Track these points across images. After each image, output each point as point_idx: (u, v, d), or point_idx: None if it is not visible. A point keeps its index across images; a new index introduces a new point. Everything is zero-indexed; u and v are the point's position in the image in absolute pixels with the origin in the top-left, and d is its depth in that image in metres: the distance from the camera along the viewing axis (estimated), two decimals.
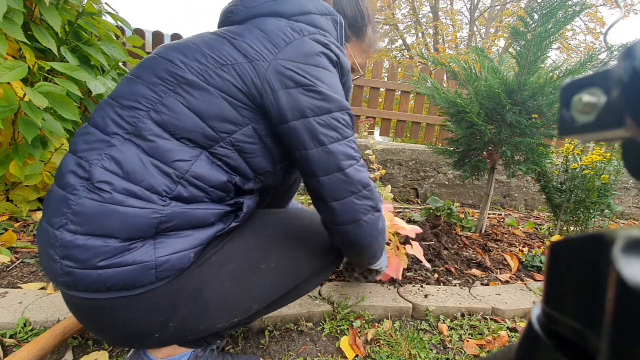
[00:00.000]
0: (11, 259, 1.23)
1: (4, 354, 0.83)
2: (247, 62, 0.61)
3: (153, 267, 0.57)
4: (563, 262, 0.16)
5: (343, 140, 0.66)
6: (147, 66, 0.63)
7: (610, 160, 1.62)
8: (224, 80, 0.60)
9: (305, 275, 0.78)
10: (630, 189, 2.88)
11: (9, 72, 1.17)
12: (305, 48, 0.64)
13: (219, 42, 0.63)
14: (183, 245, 0.60)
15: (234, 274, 0.66)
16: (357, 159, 0.68)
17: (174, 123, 0.59)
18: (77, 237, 0.55)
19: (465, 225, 1.87)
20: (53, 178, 1.55)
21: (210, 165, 0.62)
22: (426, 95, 1.75)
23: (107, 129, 0.59)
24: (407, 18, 10.75)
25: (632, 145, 0.15)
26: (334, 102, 0.65)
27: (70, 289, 0.58)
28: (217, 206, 0.65)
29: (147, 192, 0.57)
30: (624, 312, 0.12)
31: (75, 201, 0.55)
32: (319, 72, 0.64)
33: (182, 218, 0.60)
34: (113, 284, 0.56)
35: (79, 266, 0.55)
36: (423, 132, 3.38)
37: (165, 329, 0.62)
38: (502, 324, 1.11)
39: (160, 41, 2.81)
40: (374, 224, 0.71)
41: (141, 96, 0.60)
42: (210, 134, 0.61)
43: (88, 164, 0.57)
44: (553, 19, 1.35)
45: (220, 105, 0.60)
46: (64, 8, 1.48)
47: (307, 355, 0.91)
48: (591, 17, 8.84)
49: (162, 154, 0.58)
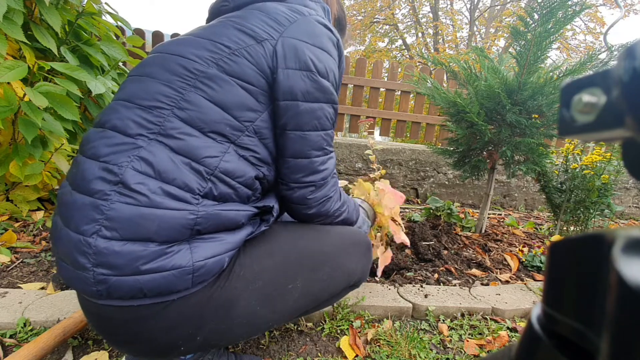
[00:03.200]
0: (11, 259, 1.23)
1: (4, 354, 0.83)
2: (257, 44, 0.62)
3: (190, 272, 0.56)
4: (563, 262, 0.16)
5: (320, 132, 0.70)
6: (156, 64, 0.62)
7: (610, 160, 1.62)
8: (240, 65, 0.61)
9: (326, 298, 0.79)
10: (630, 189, 2.88)
11: (9, 72, 1.17)
12: (310, 28, 0.66)
13: (224, 29, 0.64)
14: (218, 249, 0.60)
15: (261, 291, 0.65)
16: (326, 152, 0.72)
17: (201, 117, 0.59)
18: (113, 243, 0.53)
19: (465, 225, 1.87)
20: (53, 178, 1.55)
21: (238, 159, 0.62)
22: (426, 95, 1.75)
23: (129, 131, 0.57)
24: (407, 18, 10.75)
25: (632, 145, 0.15)
26: (325, 93, 0.68)
27: (102, 298, 0.55)
28: (245, 207, 0.64)
29: (181, 190, 0.56)
30: (624, 312, 0.12)
31: (108, 206, 0.53)
32: (322, 56, 0.66)
33: (215, 220, 0.59)
34: (149, 289, 0.54)
35: (115, 273, 0.53)
36: (423, 132, 3.38)
37: (192, 341, 0.61)
38: (502, 324, 1.11)
39: (160, 41, 2.81)
40: (325, 212, 0.77)
41: (161, 94, 0.59)
42: (235, 124, 0.61)
43: (117, 167, 0.54)
44: (553, 19, 1.35)
45: (239, 94, 0.61)
46: (64, 8, 1.48)
47: (307, 355, 0.91)
48: (591, 17, 8.85)
49: (191, 150, 0.57)
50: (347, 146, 2.58)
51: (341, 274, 0.78)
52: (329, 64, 0.68)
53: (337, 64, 0.71)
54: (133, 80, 0.63)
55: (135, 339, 0.60)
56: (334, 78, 0.70)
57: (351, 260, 0.80)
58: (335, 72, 0.70)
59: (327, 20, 0.73)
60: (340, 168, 2.61)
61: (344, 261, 0.78)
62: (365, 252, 0.86)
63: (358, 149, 2.60)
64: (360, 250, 0.84)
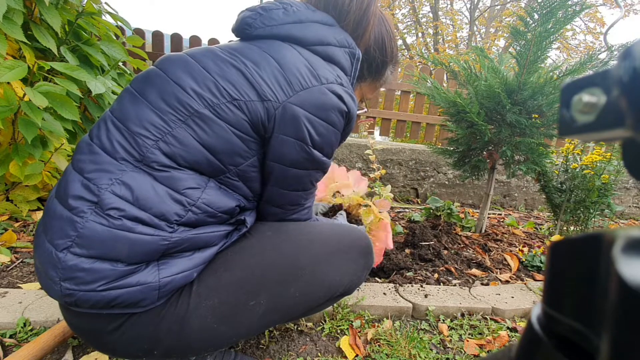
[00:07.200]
0: (11, 259, 1.23)
1: (4, 354, 0.83)
2: (259, 101, 0.59)
3: (157, 288, 0.57)
4: (563, 262, 0.16)
5: (301, 192, 0.71)
6: (156, 86, 0.60)
7: (610, 160, 1.62)
8: (235, 115, 0.59)
9: (302, 312, 0.74)
10: (630, 189, 2.87)
11: (8, 72, 1.17)
12: (320, 99, 0.62)
13: (232, 70, 0.60)
14: (187, 265, 0.60)
15: (216, 309, 0.62)
16: (302, 206, 0.73)
17: (183, 156, 0.58)
18: (82, 260, 0.54)
19: (465, 225, 1.87)
20: (53, 178, 1.55)
21: (218, 191, 0.62)
22: (426, 95, 1.75)
23: (116, 155, 0.57)
24: (407, 18, 10.74)
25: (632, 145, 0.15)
26: (315, 163, 0.67)
27: (72, 306, 0.57)
28: (221, 228, 0.65)
29: (157, 219, 0.56)
30: (624, 312, 0.12)
31: (82, 224, 0.54)
32: (323, 129, 0.63)
33: (188, 242, 0.60)
34: (117, 303, 0.56)
35: (82, 289, 0.54)
36: (423, 132, 3.38)
37: (151, 356, 0.62)
38: (502, 324, 1.11)
39: (160, 41, 2.80)
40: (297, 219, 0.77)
41: (150, 124, 0.57)
42: (217, 166, 0.60)
43: (97, 187, 0.55)
44: (553, 18, 1.35)
45: (230, 140, 0.59)
46: (63, 8, 1.48)
47: (307, 355, 0.91)
48: (591, 17, 8.84)
49: (173, 182, 0.58)
50: (347, 146, 2.58)
51: (319, 288, 0.71)
52: (327, 137, 0.65)
53: (340, 133, 0.68)
54: (133, 96, 0.61)
55: (103, 348, 0.63)
56: (330, 148, 0.67)
57: (335, 271, 0.73)
58: (334, 142, 0.67)
59: (346, 86, 0.67)
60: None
61: (323, 274, 0.71)
62: (357, 258, 0.77)
63: (358, 149, 2.60)
64: (350, 257, 0.76)
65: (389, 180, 2.65)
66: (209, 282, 0.63)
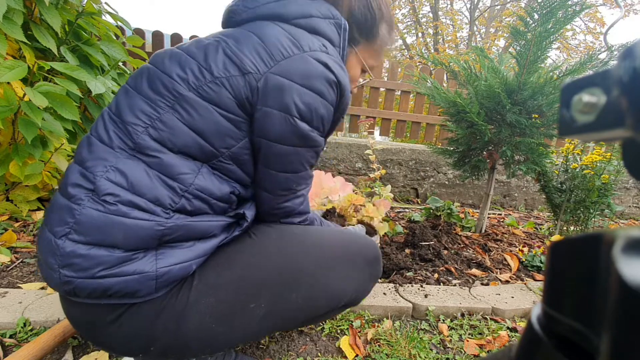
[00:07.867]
0: (11, 259, 1.23)
1: (4, 354, 0.83)
2: (241, 75, 0.59)
3: (154, 278, 0.57)
4: (563, 262, 0.16)
5: (290, 174, 0.67)
6: (146, 78, 0.62)
7: (610, 160, 1.62)
8: (218, 94, 0.59)
9: (304, 320, 0.72)
10: (630, 189, 2.88)
11: (9, 72, 1.17)
12: (304, 67, 0.60)
13: (214, 52, 0.61)
14: (186, 256, 0.60)
15: (215, 308, 0.61)
16: (294, 192, 0.70)
17: (172, 140, 0.58)
18: (79, 247, 0.55)
19: (465, 225, 1.87)
20: (53, 178, 1.55)
21: (212, 176, 0.62)
22: (426, 95, 1.75)
23: (112, 144, 0.59)
24: (407, 18, 10.74)
25: (632, 145, 0.15)
26: (303, 139, 0.64)
27: (71, 295, 0.58)
28: (220, 218, 0.64)
29: (152, 204, 0.57)
30: (624, 312, 0.12)
31: (80, 211, 0.55)
32: (310, 98, 0.61)
33: (185, 230, 0.60)
34: (114, 291, 0.56)
35: (79, 275, 0.55)
36: (423, 132, 3.38)
37: (148, 352, 0.62)
38: (502, 324, 1.11)
39: (160, 41, 2.81)
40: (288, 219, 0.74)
41: (141, 112, 0.59)
42: (208, 150, 0.60)
43: (93, 175, 0.57)
44: (553, 18, 1.35)
45: (217, 121, 0.59)
46: (63, 8, 1.48)
47: (307, 355, 0.91)
48: (591, 17, 8.84)
49: (166, 168, 0.58)
50: (347, 146, 2.58)
51: (323, 295, 0.70)
52: (315, 107, 0.62)
53: (332, 105, 0.65)
54: (127, 90, 0.63)
55: (102, 343, 0.63)
56: (321, 122, 0.64)
57: (339, 278, 0.71)
58: (325, 116, 0.64)
59: (332, 54, 0.66)
60: (340, 168, 2.61)
61: (328, 281, 0.70)
62: (363, 267, 0.76)
63: (358, 149, 2.60)
64: (355, 265, 0.75)
65: (389, 180, 2.65)
66: (209, 279, 0.63)
